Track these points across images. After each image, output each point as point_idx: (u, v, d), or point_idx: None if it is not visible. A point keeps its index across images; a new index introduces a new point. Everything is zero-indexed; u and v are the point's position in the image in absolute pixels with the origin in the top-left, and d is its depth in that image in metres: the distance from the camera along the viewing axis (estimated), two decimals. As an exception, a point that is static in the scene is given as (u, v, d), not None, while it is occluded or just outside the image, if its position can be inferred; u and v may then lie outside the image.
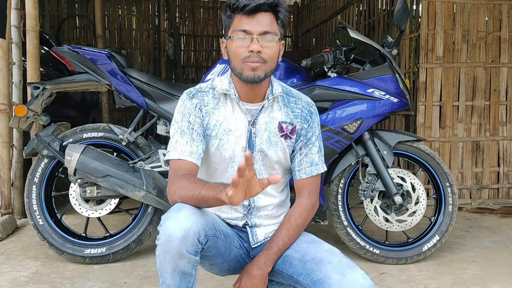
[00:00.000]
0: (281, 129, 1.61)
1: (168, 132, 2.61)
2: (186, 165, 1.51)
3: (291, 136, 1.62)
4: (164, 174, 2.51)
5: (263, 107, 1.59)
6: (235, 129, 1.59)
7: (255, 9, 1.48)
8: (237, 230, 1.66)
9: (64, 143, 2.53)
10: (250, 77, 1.50)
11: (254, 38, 1.47)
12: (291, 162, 1.68)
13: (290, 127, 1.62)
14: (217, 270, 1.64)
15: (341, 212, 2.60)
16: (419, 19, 4.05)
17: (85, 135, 2.57)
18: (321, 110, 2.49)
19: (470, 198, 4.06)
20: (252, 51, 1.47)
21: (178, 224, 1.33)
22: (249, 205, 1.63)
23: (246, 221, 1.65)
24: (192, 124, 1.56)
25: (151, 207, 2.57)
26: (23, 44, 3.35)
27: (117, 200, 2.55)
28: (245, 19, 1.49)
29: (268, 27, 1.49)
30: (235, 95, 1.58)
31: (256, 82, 1.51)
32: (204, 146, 1.58)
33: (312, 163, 1.65)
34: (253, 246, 1.66)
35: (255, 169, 1.60)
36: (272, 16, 1.51)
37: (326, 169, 1.71)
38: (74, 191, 2.52)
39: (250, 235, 1.66)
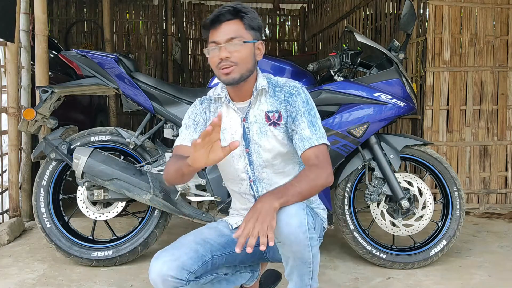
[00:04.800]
0: (268, 118, 1.73)
1: (175, 136, 2.62)
2: (184, 149, 1.71)
3: (278, 122, 1.73)
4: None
5: (250, 103, 1.75)
6: (230, 127, 1.77)
7: (219, 20, 1.68)
8: None
9: (72, 146, 2.55)
10: (226, 80, 1.69)
11: (221, 46, 1.65)
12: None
13: (276, 115, 1.73)
14: (240, 269, 1.88)
15: (347, 216, 2.60)
16: (426, 23, 4.04)
17: (92, 139, 2.59)
18: (328, 114, 2.50)
19: (478, 202, 4.03)
20: (221, 59, 1.65)
21: (157, 271, 1.59)
22: (258, 196, 1.77)
23: None
24: (197, 122, 1.79)
25: (157, 210, 2.58)
26: (32, 48, 3.38)
27: (124, 203, 2.56)
28: (214, 32, 1.69)
29: (233, 34, 1.66)
30: (226, 97, 1.77)
31: (233, 84, 1.69)
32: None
33: (302, 138, 1.68)
34: None
35: (253, 161, 1.75)
36: (238, 22, 1.69)
37: (322, 142, 1.67)
38: (81, 194, 2.53)
39: None
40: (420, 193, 2.60)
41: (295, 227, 1.53)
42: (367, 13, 5.66)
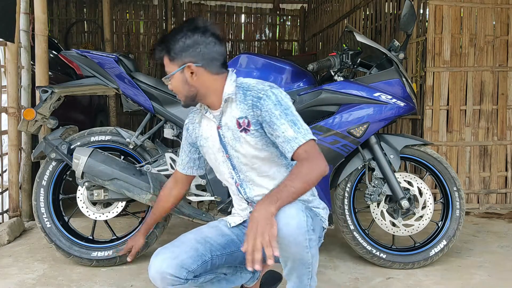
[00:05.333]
0: (239, 124, 1.74)
1: (175, 136, 2.62)
2: (177, 174, 2.01)
3: (248, 128, 1.73)
4: (171, 178, 2.52)
5: (222, 111, 1.77)
6: (210, 135, 1.83)
7: (159, 59, 1.77)
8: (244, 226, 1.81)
9: (72, 146, 2.55)
10: (183, 105, 1.81)
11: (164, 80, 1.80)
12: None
13: (246, 121, 1.73)
14: (241, 269, 1.92)
15: (347, 216, 2.60)
16: (426, 23, 4.04)
17: (92, 139, 2.59)
18: (328, 114, 2.50)
19: (478, 202, 4.03)
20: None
21: (156, 268, 1.66)
22: (247, 198, 1.81)
23: (251, 210, 1.79)
24: (183, 141, 1.96)
25: (157, 210, 2.58)
26: (32, 48, 3.38)
27: (124, 203, 2.56)
28: None
29: (166, 69, 1.76)
30: (204, 108, 1.83)
31: (187, 106, 1.81)
32: (193, 155, 1.95)
33: (288, 140, 1.65)
34: None
35: (235, 165, 1.79)
36: (165, 57, 1.75)
37: (309, 138, 1.65)
38: (81, 194, 2.53)
39: None
40: (420, 193, 2.60)
41: (294, 228, 1.53)
42: (367, 13, 5.66)
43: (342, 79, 2.59)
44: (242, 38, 9.43)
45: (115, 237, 2.67)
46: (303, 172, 1.59)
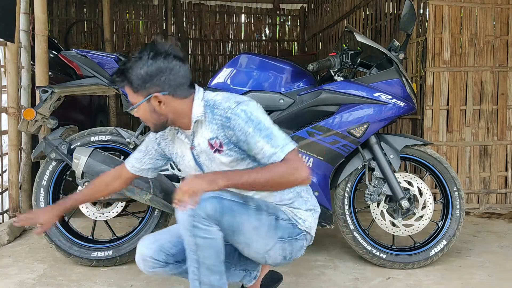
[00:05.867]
0: (211, 146, 1.73)
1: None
2: (123, 168, 1.99)
3: (221, 149, 1.72)
4: (171, 178, 2.52)
5: (193, 131, 1.76)
6: (185, 155, 1.84)
7: (121, 88, 1.72)
8: None
9: (72, 146, 2.55)
10: (152, 131, 1.81)
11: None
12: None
13: (217, 141, 1.71)
14: (233, 266, 1.93)
15: (347, 216, 2.60)
16: (426, 23, 4.04)
17: (92, 139, 2.59)
18: (328, 114, 2.50)
19: (478, 202, 4.03)
20: None
21: (139, 253, 1.81)
22: None
23: None
24: (148, 150, 1.95)
25: (157, 210, 2.58)
26: (32, 48, 3.38)
27: (124, 203, 2.56)
28: None
29: (130, 99, 1.71)
30: (175, 128, 1.81)
31: (158, 131, 1.77)
32: (159, 163, 1.97)
33: (268, 157, 1.63)
34: None
35: None
36: (128, 87, 1.68)
37: (288, 150, 1.61)
38: (81, 194, 2.53)
39: None
40: (420, 193, 2.60)
41: (181, 209, 1.58)
42: (367, 13, 5.66)
43: (342, 79, 2.59)
44: (242, 38, 9.43)
45: (115, 237, 2.67)
46: (276, 170, 1.59)
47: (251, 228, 1.70)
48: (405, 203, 2.51)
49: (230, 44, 9.43)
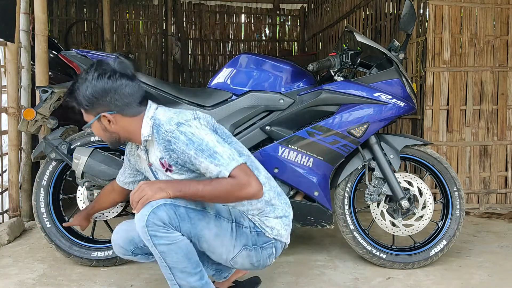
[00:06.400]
0: (162, 165, 1.76)
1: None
2: (114, 183, 2.15)
3: (171, 169, 1.74)
4: (171, 178, 2.52)
5: (146, 150, 1.81)
6: (146, 171, 1.91)
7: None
8: None
9: (72, 146, 2.55)
10: (109, 147, 1.87)
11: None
12: None
13: (167, 161, 1.74)
14: (205, 263, 1.95)
15: (347, 216, 2.60)
16: (426, 23, 4.04)
17: (92, 139, 2.59)
18: (328, 114, 2.50)
19: (478, 202, 4.03)
20: None
21: (113, 237, 1.90)
22: None
23: None
24: (125, 166, 2.08)
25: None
26: (32, 48, 3.38)
27: (124, 203, 2.56)
28: None
29: (84, 117, 1.79)
30: (134, 144, 1.90)
31: (116, 147, 1.83)
32: (138, 178, 2.06)
33: (215, 175, 1.63)
34: None
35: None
36: (79, 107, 1.76)
37: (232, 167, 1.61)
38: (81, 194, 2.53)
39: None
40: (420, 193, 2.60)
41: (137, 220, 1.63)
42: (367, 13, 5.66)
43: (342, 79, 2.59)
44: (242, 38, 9.44)
45: (115, 237, 2.66)
46: (220, 187, 1.61)
47: (212, 235, 1.72)
48: (405, 203, 2.52)
49: (230, 44, 9.43)
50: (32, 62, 3.42)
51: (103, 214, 2.55)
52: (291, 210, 1.92)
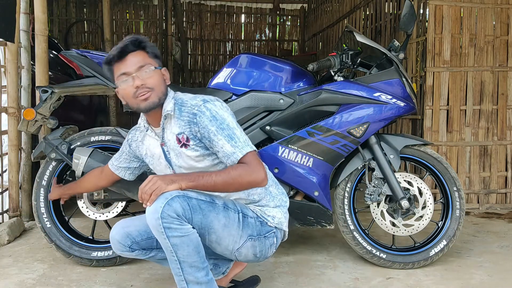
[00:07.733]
0: (178, 140, 1.81)
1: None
2: (106, 169, 2.18)
3: (187, 144, 1.79)
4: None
5: (162, 128, 1.84)
6: (155, 153, 1.92)
7: (124, 53, 1.76)
8: None
9: (72, 146, 2.55)
10: (147, 106, 1.77)
11: (134, 75, 1.74)
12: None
13: (185, 136, 1.79)
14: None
15: (347, 216, 2.60)
16: (426, 23, 4.04)
17: (92, 139, 2.59)
18: (328, 114, 2.50)
19: (478, 202, 4.03)
20: (137, 87, 1.74)
21: (111, 233, 1.94)
22: None
23: None
24: (123, 151, 2.11)
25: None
26: (32, 48, 3.38)
27: (124, 203, 2.56)
28: (120, 65, 1.77)
29: (141, 62, 1.76)
30: (144, 126, 1.91)
31: (153, 108, 1.78)
32: (133, 164, 2.12)
33: (227, 155, 1.73)
34: None
35: None
36: (142, 52, 1.78)
37: (246, 151, 1.72)
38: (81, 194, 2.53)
39: None
40: (420, 193, 2.60)
41: (150, 212, 1.63)
42: (367, 13, 5.66)
43: (342, 79, 2.59)
44: (242, 38, 9.44)
45: (115, 237, 2.66)
46: (232, 173, 1.68)
47: (221, 226, 1.76)
48: (405, 203, 2.51)
49: (230, 44, 9.43)
50: (32, 62, 3.42)
51: (103, 214, 2.55)
52: (287, 198, 2.01)
